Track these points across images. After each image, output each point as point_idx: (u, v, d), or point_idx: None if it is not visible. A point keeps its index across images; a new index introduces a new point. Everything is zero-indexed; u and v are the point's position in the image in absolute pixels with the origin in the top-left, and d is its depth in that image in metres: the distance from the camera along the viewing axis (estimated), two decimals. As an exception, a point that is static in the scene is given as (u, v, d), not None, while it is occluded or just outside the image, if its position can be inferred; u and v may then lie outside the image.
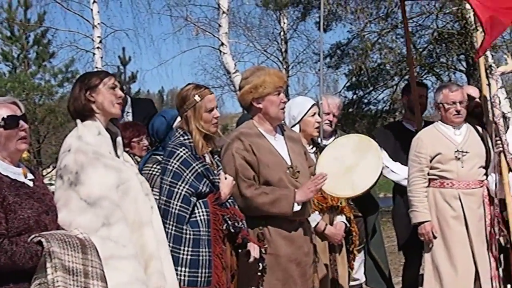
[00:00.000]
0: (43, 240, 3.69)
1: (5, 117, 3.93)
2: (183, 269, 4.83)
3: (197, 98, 5.12)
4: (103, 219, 4.11)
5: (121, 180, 4.30)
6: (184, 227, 4.88)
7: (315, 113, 6.38)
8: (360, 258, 6.96)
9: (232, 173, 5.31)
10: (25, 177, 4.01)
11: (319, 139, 6.61)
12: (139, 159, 7.05)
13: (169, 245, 4.71)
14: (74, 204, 4.11)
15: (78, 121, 4.43)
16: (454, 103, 6.56)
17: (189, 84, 5.31)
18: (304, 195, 5.38)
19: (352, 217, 6.50)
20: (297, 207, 5.32)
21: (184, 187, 4.94)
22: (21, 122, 4.00)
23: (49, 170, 18.89)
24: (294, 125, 6.32)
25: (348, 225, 6.36)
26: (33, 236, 3.74)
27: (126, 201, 4.28)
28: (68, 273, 3.67)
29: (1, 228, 3.68)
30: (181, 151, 5.06)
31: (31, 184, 4.00)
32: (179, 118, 5.40)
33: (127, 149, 6.79)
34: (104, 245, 4.00)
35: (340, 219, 6.31)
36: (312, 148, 6.40)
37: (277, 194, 5.31)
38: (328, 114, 6.93)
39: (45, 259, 3.63)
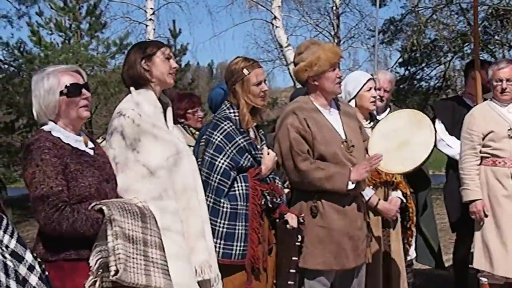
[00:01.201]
0: (104, 207, 3.73)
1: (68, 84, 3.98)
2: (218, 241, 4.87)
3: (245, 71, 5.14)
4: (160, 190, 4.17)
5: (172, 151, 4.36)
6: (222, 200, 4.93)
7: (371, 88, 6.36)
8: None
9: (286, 147, 5.33)
10: (86, 145, 4.07)
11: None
12: (194, 130, 7.11)
13: None
14: (132, 169, 4.18)
15: (132, 88, 4.49)
16: (501, 80, 6.52)
17: (238, 57, 5.34)
18: (359, 174, 5.36)
19: (409, 192, 6.46)
20: (351, 186, 5.32)
21: (225, 161, 4.97)
22: (84, 90, 4.06)
23: (100, 140, 19.03)
24: (350, 100, 6.32)
25: (404, 201, 6.35)
26: (94, 203, 3.79)
27: (176, 173, 4.34)
28: (128, 241, 3.71)
29: (63, 196, 3.73)
30: (225, 125, 5.10)
31: (91, 152, 4.06)
32: None
33: (182, 120, 6.86)
34: (161, 215, 4.06)
35: (395, 194, 6.30)
36: (369, 122, 6.37)
37: (332, 171, 5.30)
38: (379, 89, 6.91)
39: (106, 226, 3.68)
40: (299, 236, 5.19)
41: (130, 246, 3.71)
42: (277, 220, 5.17)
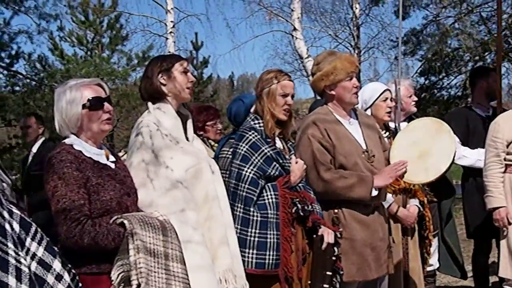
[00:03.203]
0: (125, 221, 3.74)
1: (90, 98, 4.00)
2: (251, 251, 4.86)
3: (274, 80, 5.17)
4: (181, 203, 4.16)
5: (192, 163, 4.35)
6: (251, 209, 4.92)
7: (386, 98, 6.37)
8: (434, 243, 6.90)
9: (309, 158, 5.33)
10: (107, 159, 4.08)
11: (392, 124, 6.59)
12: (213, 143, 7.12)
13: (237, 228, 4.78)
14: (153, 183, 4.18)
15: (149, 103, 4.50)
16: None
17: (274, 68, 5.37)
18: (383, 180, 5.38)
19: (426, 201, 6.44)
20: (374, 192, 5.32)
21: (252, 170, 4.97)
22: (106, 104, 4.07)
23: (121, 154, 19.13)
24: (366, 110, 6.32)
25: (421, 209, 6.32)
26: (115, 217, 3.80)
27: (197, 184, 4.33)
28: (150, 254, 3.71)
29: (85, 209, 3.74)
30: (250, 135, 5.11)
31: (113, 166, 4.07)
32: None
33: (201, 132, 6.87)
34: (182, 228, 4.05)
35: (413, 202, 6.30)
36: (385, 133, 6.36)
37: (356, 179, 5.30)
38: (410, 96, 6.94)
39: (128, 240, 3.68)
40: (335, 250, 5.17)
41: (151, 260, 3.72)
42: (314, 236, 5.14)
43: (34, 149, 8.96)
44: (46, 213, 4.10)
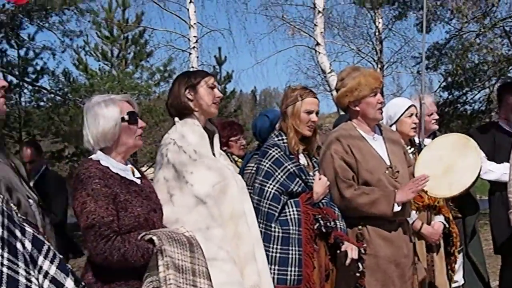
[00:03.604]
0: (154, 237, 3.74)
1: (129, 112, 4.04)
2: (273, 266, 4.83)
3: (299, 97, 5.18)
4: (207, 219, 4.17)
5: (218, 179, 4.36)
6: (273, 225, 4.91)
7: (412, 114, 6.34)
8: (459, 260, 6.86)
9: (331, 174, 5.32)
10: (133, 174, 4.09)
11: (417, 139, 6.57)
12: (236, 158, 7.12)
13: None
14: (179, 200, 4.19)
15: (176, 118, 4.52)
16: None
17: (297, 85, 5.37)
18: (405, 195, 5.34)
19: (451, 217, 6.40)
20: (397, 208, 5.29)
21: (274, 186, 4.97)
22: (139, 120, 4.11)
23: (144, 168, 19.22)
24: (391, 125, 6.30)
25: (447, 225, 6.28)
26: (143, 233, 3.81)
27: (223, 200, 4.33)
28: (178, 271, 3.70)
29: (114, 226, 3.74)
30: (273, 151, 5.11)
31: (139, 182, 4.08)
32: None
33: (224, 148, 6.87)
34: (207, 245, 4.05)
35: (438, 218, 6.24)
36: (410, 148, 6.34)
37: (377, 195, 5.28)
38: (431, 114, 6.91)
39: (157, 257, 3.68)
40: (359, 266, 5.14)
41: (180, 276, 3.71)
42: (338, 252, 5.12)
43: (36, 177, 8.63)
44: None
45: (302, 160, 5.27)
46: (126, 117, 4.00)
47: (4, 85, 3.63)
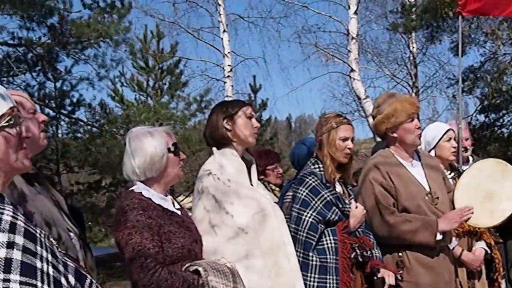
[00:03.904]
0: (200, 268, 3.75)
1: (174, 143, 4.08)
2: None
3: (333, 124, 5.15)
4: (247, 250, 4.17)
5: (257, 209, 4.35)
6: (310, 254, 4.87)
7: (450, 138, 6.30)
8: (502, 286, 6.75)
9: (371, 201, 5.29)
10: (173, 205, 4.10)
11: (457, 164, 6.52)
12: (274, 187, 7.11)
13: None
14: (218, 231, 4.18)
15: (214, 148, 4.53)
16: None
17: (332, 112, 5.36)
18: (448, 225, 5.30)
19: (493, 242, 6.32)
20: (439, 236, 5.25)
21: (311, 215, 4.94)
22: (180, 151, 4.14)
23: (181, 198, 19.24)
24: (429, 151, 6.25)
25: (488, 251, 6.20)
26: (188, 264, 3.82)
27: (262, 231, 4.32)
28: None
29: (160, 257, 3.75)
30: (310, 179, 5.08)
31: (179, 213, 4.09)
32: None
33: (261, 176, 6.86)
34: (247, 276, 4.04)
35: (479, 245, 6.16)
36: (450, 173, 6.29)
37: (420, 222, 5.24)
38: (467, 139, 6.86)
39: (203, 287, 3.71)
40: None
41: (224, 306, 3.71)
42: (375, 278, 5.08)
43: None
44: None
45: (338, 188, 5.25)
46: (172, 148, 4.03)
47: (45, 120, 3.67)
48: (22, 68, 17.06)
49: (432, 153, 6.23)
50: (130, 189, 4.00)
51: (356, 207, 5.17)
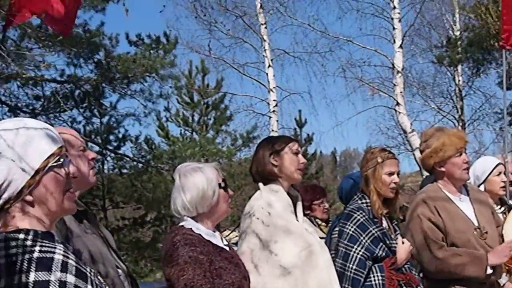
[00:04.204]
0: None
1: (223, 178, 4.09)
2: None
3: (379, 159, 5.13)
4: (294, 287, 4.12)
5: (303, 245, 4.32)
6: None
7: (500, 173, 6.23)
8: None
9: (420, 237, 5.24)
10: (222, 241, 4.09)
11: (507, 198, 6.44)
12: (320, 222, 7.08)
13: None
14: (266, 270, 4.16)
15: (261, 184, 4.52)
16: None
17: (378, 146, 5.32)
18: (498, 258, 5.21)
19: (546, 278, 6.21)
20: (489, 270, 5.17)
21: (360, 251, 4.90)
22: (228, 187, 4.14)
23: (226, 233, 19.27)
24: (479, 185, 6.18)
25: (540, 287, 6.09)
26: None
27: (309, 269, 4.29)
28: None
29: None
30: (358, 215, 5.05)
31: (227, 249, 4.08)
32: None
33: (307, 211, 6.84)
34: None
35: (530, 280, 6.06)
36: (500, 207, 6.20)
37: (470, 256, 5.16)
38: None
39: None
40: None
41: None
42: None
43: None
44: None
45: (384, 223, 5.21)
46: (222, 184, 4.02)
47: (94, 157, 3.69)
48: (69, 104, 17.25)
49: (482, 187, 6.16)
50: (180, 224, 3.99)
51: (403, 243, 5.12)
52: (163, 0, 32.58)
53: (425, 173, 6.72)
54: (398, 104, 19.93)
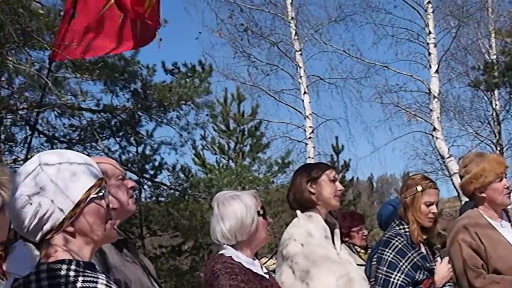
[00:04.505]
0: None
1: (262, 206, 4.08)
2: None
3: (419, 188, 5.10)
4: None
5: (342, 273, 4.30)
6: None
7: (540, 198, 6.16)
8: None
9: (460, 263, 5.18)
10: (261, 269, 4.07)
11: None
12: (359, 249, 7.05)
13: None
14: None
15: (298, 212, 4.51)
16: None
17: (418, 173, 5.31)
18: None
19: None
20: None
21: (399, 277, 4.88)
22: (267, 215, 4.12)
23: (264, 260, 19.20)
24: (520, 210, 6.11)
25: None
26: None
27: None
28: None
29: None
30: (396, 241, 5.03)
31: (267, 277, 4.06)
32: None
33: (346, 238, 6.82)
34: None
35: None
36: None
37: (509, 283, 5.10)
38: None
39: None
40: None
41: None
42: None
43: None
44: None
45: (422, 248, 5.20)
46: (261, 211, 4.01)
47: (133, 186, 3.70)
48: (105, 133, 17.36)
49: (522, 212, 6.09)
50: (220, 253, 3.99)
51: (441, 263, 5.11)
52: (198, 28, 32.81)
53: (464, 199, 6.69)
54: (435, 129, 19.84)
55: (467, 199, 6.05)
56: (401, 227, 5.13)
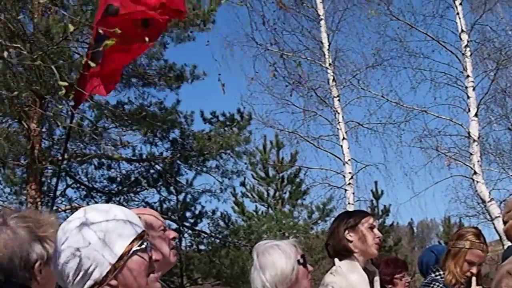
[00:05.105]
0: None
1: (302, 255, 4.02)
2: None
3: (467, 244, 5.06)
4: None
5: None
6: None
7: None
8: None
9: None
10: None
11: None
12: (401, 296, 6.99)
13: None
14: None
15: (336, 260, 4.49)
16: None
17: (475, 227, 5.28)
18: None
19: None
20: None
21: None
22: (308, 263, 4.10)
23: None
24: None
25: None
26: None
27: None
28: None
29: None
30: (433, 285, 5.04)
31: None
32: None
33: (389, 286, 6.78)
34: None
35: None
36: None
37: None
38: None
39: None
40: None
41: None
42: None
43: None
44: None
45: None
46: (301, 260, 3.99)
47: (175, 236, 3.71)
48: (144, 183, 17.47)
49: None
50: None
51: None
52: (237, 78, 32.93)
53: (507, 243, 6.61)
54: (475, 173, 19.68)
55: (509, 243, 5.99)
56: (438, 273, 5.13)
